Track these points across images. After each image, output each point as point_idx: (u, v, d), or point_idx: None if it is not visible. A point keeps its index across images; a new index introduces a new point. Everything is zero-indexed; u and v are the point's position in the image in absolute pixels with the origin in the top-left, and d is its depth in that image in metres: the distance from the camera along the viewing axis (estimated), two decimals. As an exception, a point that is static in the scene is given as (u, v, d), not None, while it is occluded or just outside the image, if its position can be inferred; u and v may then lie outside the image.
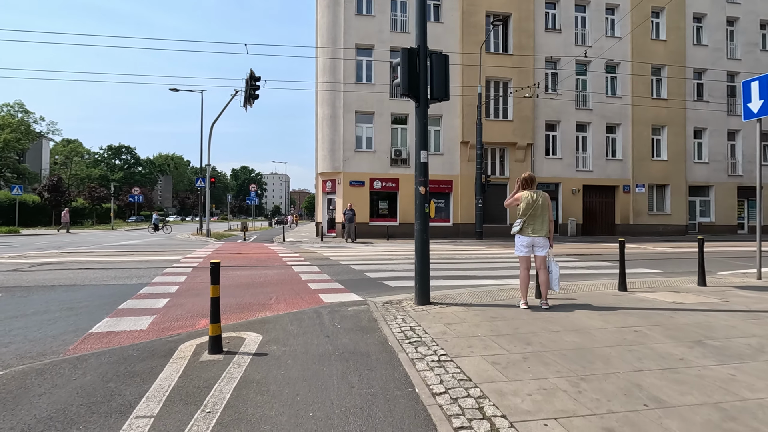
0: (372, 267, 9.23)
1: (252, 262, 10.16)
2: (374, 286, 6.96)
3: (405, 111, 22.36)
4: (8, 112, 58.73)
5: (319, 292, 6.34)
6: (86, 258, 11.02)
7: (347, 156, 21.71)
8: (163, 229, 27.81)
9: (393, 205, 22.58)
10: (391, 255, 12.25)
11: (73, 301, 5.64)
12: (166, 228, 27.92)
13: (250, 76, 16.49)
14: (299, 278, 7.66)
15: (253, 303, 5.56)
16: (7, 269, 8.62)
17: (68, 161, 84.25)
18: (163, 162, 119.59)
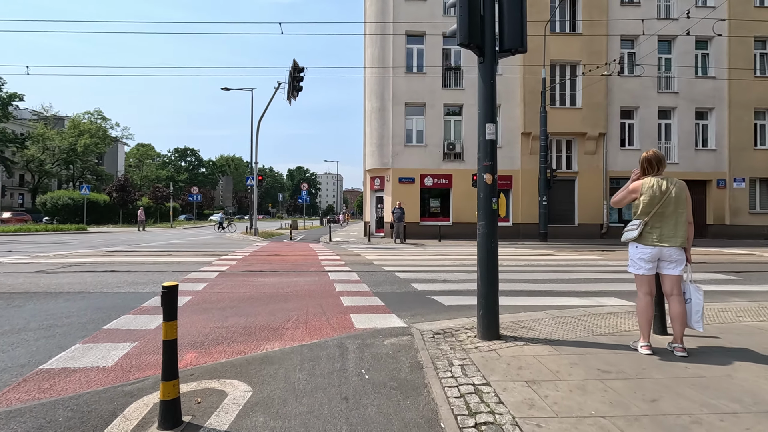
0: (421, 276, 7.79)
1: (286, 266, 9.10)
2: (422, 302, 5.52)
3: (459, 101, 20.64)
4: (89, 120, 63.82)
5: (352, 310, 5.01)
6: (123, 258, 10.57)
7: (396, 151, 20.38)
8: (228, 228, 28.21)
9: (445, 204, 20.93)
10: (444, 260, 10.72)
11: (63, 314, 4.75)
12: (231, 227, 28.30)
13: (293, 66, 15.64)
14: (332, 289, 6.40)
15: (265, 326, 4.34)
16: (35, 270, 8.19)
17: (140, 163, 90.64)
18: (224, 163, 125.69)
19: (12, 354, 3.47)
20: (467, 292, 6.15)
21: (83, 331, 4.13)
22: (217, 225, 28.90)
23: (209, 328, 4.23)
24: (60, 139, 55.62)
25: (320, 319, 4.64)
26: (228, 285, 6.69)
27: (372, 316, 4.72)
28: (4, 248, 13.78)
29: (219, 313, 4.85)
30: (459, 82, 20.88)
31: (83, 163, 59.43)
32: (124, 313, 4.84)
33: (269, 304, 5.41)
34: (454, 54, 21.06)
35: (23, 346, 3.64)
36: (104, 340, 3.82)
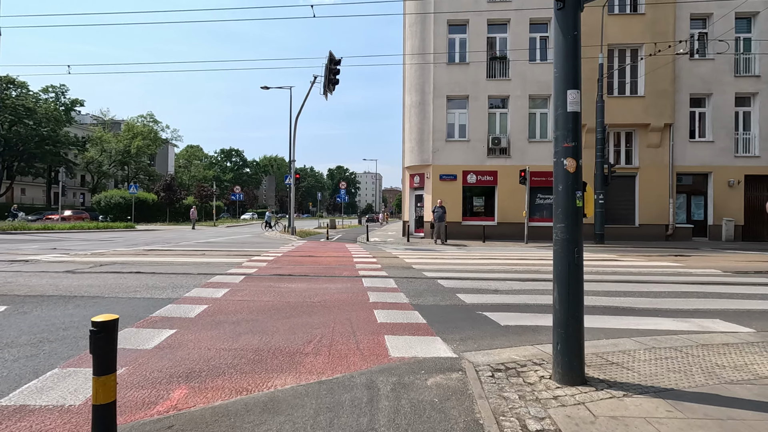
0: (467, 285, 6.79)
1: (317, 270, 8.38)
2: (472, 320, 4.55)
3: (504, 92, 19.27)
4: (142, 123, 67.11)
5: (387, 329, 4.14)
6: (154, 258, 10.31)
7: (437, 147, 19.32)
8: (276, 226, 28.51)
9: (490, 202, 19.64)
10: (492, 265, 9.63)
11: (62, 325, 4.22)
12: (278, 225, 28.65)
13: (329, 59, 15.00)
14: (365, 300, 5.57)
15: (281, 349, 3.55)
16: (63, 270, 7.96)
17: (189, 164, 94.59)
18: (267, 163, 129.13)
19: (-23, 380, 2.88)
20: (526, 309, 5.12)
21: (73, 348, 3.53)
22: (264, 224, 29.22)
23: (215, 350, 3.51)
24: (116, 141, 58.76)
25: (348, 340, 3.80)
26: (251, 291, 6.02)
27: (411, 340, 3.82)
28: (52, 245, 14.09)
29: (231, 329, 4.13)
30: (505, 72, 19.50)
31: (136, 164, 62.53)
32: (127, 325, 4.24)
33: (291, 317, 4.64)
34: (500, 42, 19.69)
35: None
36: (87, 364, 3.17)
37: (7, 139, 46.04)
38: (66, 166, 52.63)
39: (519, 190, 18.21)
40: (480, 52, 19.23)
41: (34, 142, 47.42)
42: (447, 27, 19.43)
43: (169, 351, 3.49)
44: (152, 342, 3.71)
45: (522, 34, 19.07)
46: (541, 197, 19.31)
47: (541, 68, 19.11)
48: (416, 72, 19.88)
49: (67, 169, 53.44)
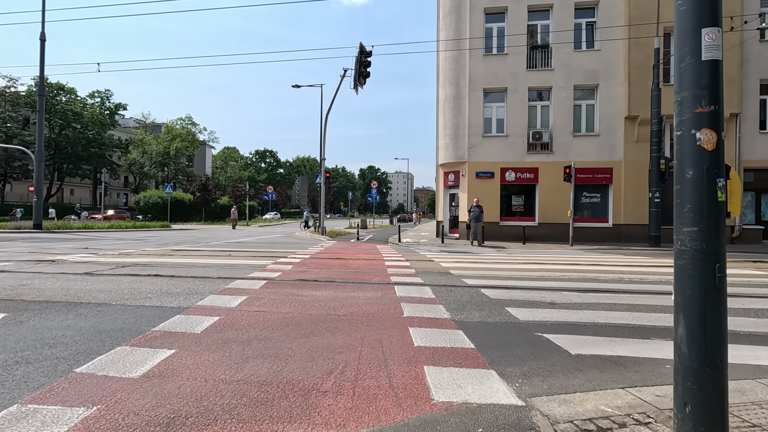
0: (517, 295, 5.87)
1: (346, 275, 7.67)
2: (532, 345, 3.66)
3: (547, 83, 17.97)
4: (181, 125, 69.28)
5: (426, 356, 3.33)
6: (178, 259, 9.95)
7: (473, 143, 18.27)
8: (314, 226, 28.51)
9: (530, 201, 18.42)
10: (541, 270, 8.60)
11: (51, 341, 3.68)
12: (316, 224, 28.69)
13: (360, 51, 14.31)
14: (399, 313, 4.77)
15: (293, 384, 2.81)
16: (83, 271, 7.63)
17: (225, 165, 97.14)
18: (299, 164, 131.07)
19: None
20: (596, 330, 4.17)
21: (48, 375, 2.93)
22: (303, 223, 29.23)
23: (212, 383, 2.81)
24: (156, 143, 60.86)
25: (378, 372, 3.01)
26: (270, 300, 5.36)
27: (458, 373, 2.99)
28: (85, 244, 14.16)
29: (239, 351, 3.45)
30: (547, 62, 18.20)
31: (175, 165, 64.59)
32: (122, 341, 3.64)
33: (311, 335, 3.91)
34: (541, 30, 18.40)
35: (-54, 403, 2.48)
36: (54, 400, 2.54)
37: (57, 143, 48.43)
38: (110, 168, 54.92)
39: (562, 188, 16.90)
40: (520, 42, 18.01)
41: (81, 144, 49.69)
42: (484, 16, 18.35)
43: (158, 382, 2.82)
44: (142, 368, 3.06)
45: (566, 20, 17.72)
46: (587, 196, 17.89)
47: (588, 56, 17.69)
48: (450, 65, 18.90)
49: (111, 170, 55.79)
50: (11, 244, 14.29)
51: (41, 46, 22.73)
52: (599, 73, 17.58)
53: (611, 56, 17.42)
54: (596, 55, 17.67)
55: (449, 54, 18.92)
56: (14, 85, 46.39)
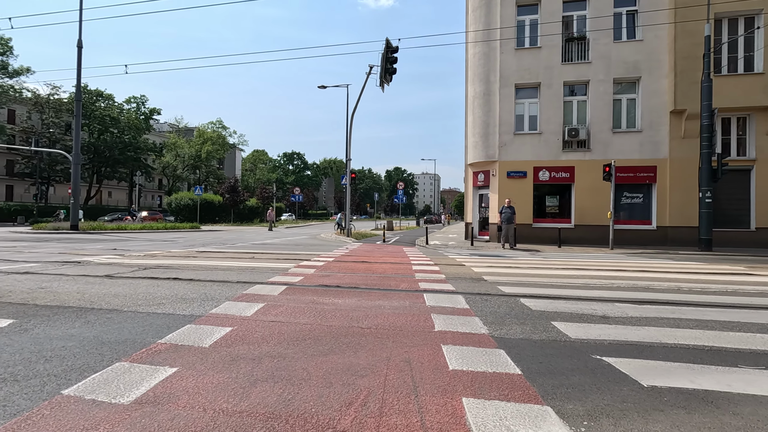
0: (563, 307, 5.23)
1: (371, 281, 7.19)
2: (592, 373, 3.06)
3: (583, 77, 16.98)
4: (212, 129, 70.96)
5: (465, 384, 2.79)
6: (200, 261, 9.76)
7: (504, 141, 17.48)
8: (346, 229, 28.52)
9: (565, 201, 17.45)
10: (584, 277, 7.87)
11: (48, 354, 3.37)
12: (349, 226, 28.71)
13: (386, 47, 13.86)
14: (429, 327, 4.25)
15: (305, 417, 2.34)
16: (103, 273, 7.49)
17: (254, 167, 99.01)
18: (326, 166, 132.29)
19: None
20: (666, 352, 3.51)
21: (32, 398, 2.58)
22: (336, 225, 29.31)
23: (210, 414, 2.38)
24: (188, 147, 62.55)
25: (407, 405, 2.50)
26: (288, 309, 4.94)
27: (506, 410, 2.44)
28: (115, 245, 14.32)
29: (247, 371, 3.02)
30: (583, 55, 17.21)
31: (206, 168, 66.19)
32: (123, 356, 3.29)
33: (331, 353, 3.44)
34: (578, 21, 17.43)
35: None
36: (30, 429, 2.17)
37: (96, 147, 50.37)
38: (144, 171, 56.76)
39: (601, 187, 15.92)
40: (554, 34, 17.11)
41: (118, 148, 51.51)
42: (515, 8, 17.56)
43: (150, 411, 2.41)
44: (136, 390, 2.67)
45: (605, 10, 16.70)
46: (628, 196, 16.78)
47: (629, 47, 16.61)
48: (480, 60, 18.18)
49: (145, 173, 57.65)
50: (46, 244, 14.62)
51: (78, 54, 23.49)
52: (641, 65, 16.45)
53: (655, 46, 16.27)
54: (638, 45, 16.55)
55: (479, 50, 18.21)
56: (57, 92, 48.62)
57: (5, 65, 44.45)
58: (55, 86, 48.52)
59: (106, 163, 52.26)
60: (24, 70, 45.53)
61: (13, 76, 45.40)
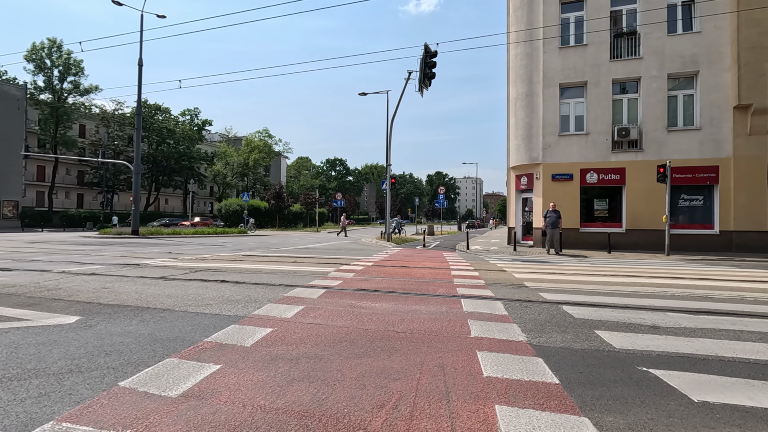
0: (609, 315, 4.99)
1: (408, 286, 7.20)
2: (636, 385, 2.91)
3: (634, 74, 16.16)
4: (259, 138, 73.92)
5: (498, 394, 2.74)
6: (246, 265, 10.19)
7: (548, 142, 16.94)
8: (400, 233, 29.34)
9: (615, 205, 16.62)
10: (634, 285, 7.46)
11: (108, 348, 3.67)
12: (402, 231, 29.65)
13: (425, 52, 13.89)
14: (465, 332, 4.20)
15: (338, 417, 2.40)
16: (159, 275, 8.02)
17: (299, 174, 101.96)
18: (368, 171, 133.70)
19: (-41, 431, 2.24)
20: (722, 366, 3.26)
21: (93, 388, 2.82)
22: (394, 229, 29.98)
23: (249, 410, 2.50)
24: (237, 155, 65.50)
25: (438, 410, 2.50)
26: (326, 312, 5.07)
27: (540, 419, 2.37)
28: (170, 249, 15.26)
29: (285, 371, 3.14)
30: (634, 50, 16.38)
31: (254, 175, 68.95)
32: (173, 352, 3.52)
33: (365, 355, 3.50)
34: (627, 16, 16.62)
35: None
36: (88, 419, 2.38)
37: (154, 157, 53.90)
38: (197, 179, 60.02)
39: (655, 189, 15.03)
40: (601, 30, 16.42)
41: (174, 158, 54.85)
42: (559, 5, 17.03)
43: (194, 405, 2.57)
44: (183, 385, 2.86)
45: (657, 2, 15.87)
46: (686, 198, 15.70)
47: (685, 40, 15.62)
48: (522, 61, 17.76)
49: (198, 181, 60.95)
50: (110, 248, 15.85)
51: (139, 71, 25.36)
52: (700, 58, 15.40)
53: (715, 37, 15.18)
54: (695, 37, 15.51)
55: (520, 50, 17.80)
56: (121, 108, 52.66)
57: (77, 84, 48.83)
58: (119, 102, 52.67)
59: (163, 172, 55.87)
60: (93, 88, 49.81)
61: (83, 94, 49.78)
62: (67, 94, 48.92)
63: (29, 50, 46.21)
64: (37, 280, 7.31)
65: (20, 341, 3.82)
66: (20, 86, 45.52)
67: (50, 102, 47.63)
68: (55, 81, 48.03)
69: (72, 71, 48.06)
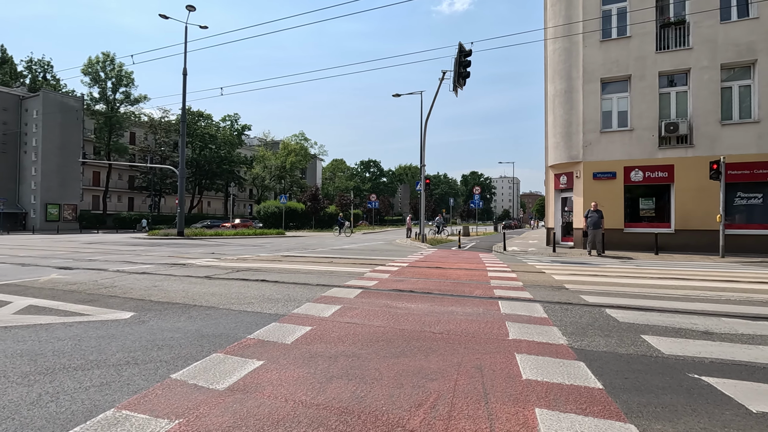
0: (656, 319, 4.77)
1: (444, 287, 7.17)
2: (687, 393, 2.77)
3: (683, 65, 15.30)
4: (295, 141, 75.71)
5: (538, 397, 2.70)
6: (285, 265, 10.48)
7: (589, 140, 16.34)
8: (443, 232, 29.61)
9: (663, 204, 15.79)
10: (684, 288, 7.07)
11: (160, 343, 3.90)
12: (445, 231, 29.91)
13: (459, 51, 13.76)
14: (503, 334, 4.14)
15: (376, 414, 2.45)
16: (203, 275, 8.40)
17: (333, 176, 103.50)
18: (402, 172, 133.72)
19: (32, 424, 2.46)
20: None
21: (148, 378, 3.02)
22: (434, 229, 30.27)
23: (291, 405, 2.59)
24: (275, 158, 67.35)
25: (476, 411, 2.50)
26: (363, 312, 5.14)
27: (583, 424, 2.32)
28: (213, 249, 15.93)
29: (324, 368, 3.22)
30: (683, 41, 15.52)
31: (290, 178, 70.65)
32: (219, 348, 3.69)
33: (402, 355, 3.53)
34: (675, 5, 15.77)
35: (38, 407, 2.65)
36: (144, 407, 2.55)
37: (198, 162, 56.33)
38: (237, 182, 62.16)
39: (707, 187, 14.18)
40: (646, 21, 15.66)
41: (216, 162, 57.08)
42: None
43: (240, 398, 2.69)
44: (229, 379, 3.00)
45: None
46: (743, 196, 14.69)
47: (740, 27, 14.65)
48: (561, 56, 17.24)
49: (238, 184, 63.11)
50: (158, 249, 16.74)
51: (183, 80, 26.63)
52: (757, 46, 14.36)
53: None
54: (752, 24, 14.48)
55: (559, 45, 17.28)
56: (167, 115, 55.46)
57: (128, 95, 51.96)
58: (165, 110, 55.53)
59: (206, 176, 58.32)
60: (142, 98, 52.84)
61: (134, 104, 52.92)
62: (119, 104, 52.17)
63: (86, 64, 49.65)
64: (95, 278, 7.85)
65: (83, 334, 4.14)
66: (78, 98, 48.97)
67: (104, 112, 50.95)
68: (109, 92, 51.34)
69: (123, 82, 51.21)
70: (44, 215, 44.95)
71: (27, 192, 45.92)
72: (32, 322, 4.61)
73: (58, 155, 45.41)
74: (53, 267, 9.84)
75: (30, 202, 45.76)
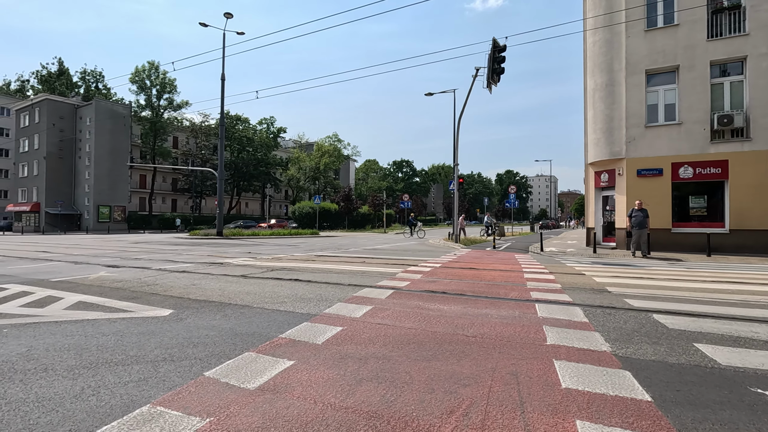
0: (710, 326, 4.42)
1: (478, 288, 6.98)
2: (749, 410, 2.53)
3: (737, 53, 14.28)
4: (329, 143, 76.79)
5: (579, 408, 2.53)
6: (318, 264, 10.58)
7: (633, 135, 15.54)
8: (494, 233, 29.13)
9: (715, 202, 14.77)
10: (742, 292, 6.55)
11: (195, 341, 3.99)
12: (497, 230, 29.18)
13: (492, 47, 13.43)
14: (540, 339, 3.96)
15: (406, 420, 2.37)
16: (239, 274, 8.60)
17: (366, 176, 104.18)
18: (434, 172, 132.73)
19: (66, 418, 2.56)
20: None
21: (183, 375, 3.08)
22: (484, 230, 29.73)
23: (320, 407, 2.56)
24: (309, 160, 68.57)
25: (511, 421, 2.37)
26: (394, 313, 5.07)
27: (630, 440, 2.14)
28: (249, 249, 16.36)
29: (354, 370, 3.18)
30: (737, 27, 14.46)
31: (324, 179, 71.71)
32: (251, 347, 3.73)
33: (434, 359, 3.43)
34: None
35: (81, 401, 2.74)
36: (178, 404, 2.59)
37: (236, 164, 58.17)
38: (273, 183, 63.73)
39: (767, 184, 13.11)
40: (696, 7, 14.71)
41: (253, 164, 58.75)
42: (645, -16, 15.52)
43: (270, 398, 2.69)
44: (260, 378, 3.01)
45: (767, -31, 13.80)
46: (808, 193, 13.48)
47: (805, 9, 13.43)
48: (601, 48, 16.49)
49: (274, 185, 64.69)
50: (198, 248, 17.38)
51: (222, 85, 27.56)
52: (825, 29, 13.14)
53: None
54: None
55: (599, 37, 16.53)
56: (207, 120, 57.67)
57: (171, 101, 54.44)
58: (205, 114, 57.80)
59: (244, 178, 60.17)
60: (184, 103, 55.21)
61: (176, 109, 55.39)
62: (163, 110, 54.78)
63: (133, 73, 52.48)
64: (139, 276, 8.22)
65: (125, 330, 4.30)
66: (126, 105, 51.82)
67: (150, 118, 53.63)
68: (154, 99, 54.00)
69: (167, 89, 53.73)
70: (96, 216, 47.85)
71: (81, 194, 49.04)
72: (80, 317, 4.85)
73: (108, 160, 48.22)
74: (102, 265, 10.40)
75: (84, 204, 48.85)
